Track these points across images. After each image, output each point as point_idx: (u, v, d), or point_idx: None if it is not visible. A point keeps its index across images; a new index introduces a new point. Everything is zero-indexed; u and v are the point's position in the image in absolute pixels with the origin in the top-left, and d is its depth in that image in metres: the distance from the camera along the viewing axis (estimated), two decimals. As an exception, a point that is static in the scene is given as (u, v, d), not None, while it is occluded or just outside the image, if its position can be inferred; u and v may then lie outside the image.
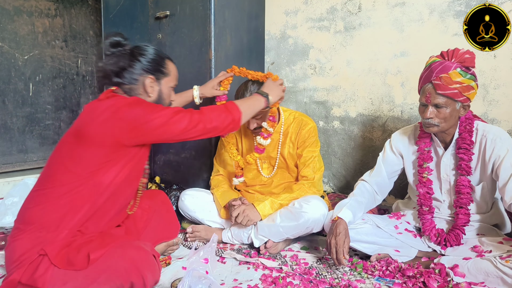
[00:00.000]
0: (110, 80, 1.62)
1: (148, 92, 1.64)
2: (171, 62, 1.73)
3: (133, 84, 1.62)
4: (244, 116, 1.69)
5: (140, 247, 1.48)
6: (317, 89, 2.91)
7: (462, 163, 1.75)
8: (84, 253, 1.40)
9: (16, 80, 3.19)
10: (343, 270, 1.79)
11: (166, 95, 1.70)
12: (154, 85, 1.65)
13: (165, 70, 1.68)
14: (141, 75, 1.62)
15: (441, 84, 1.63)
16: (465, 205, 1.77)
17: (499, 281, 1.50)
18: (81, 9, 3.63)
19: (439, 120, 1.69)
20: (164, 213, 1.97)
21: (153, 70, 1.63)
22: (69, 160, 1.49)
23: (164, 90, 1.69)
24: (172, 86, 1.73)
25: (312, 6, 2.87)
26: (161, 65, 1.67)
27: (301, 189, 2.08)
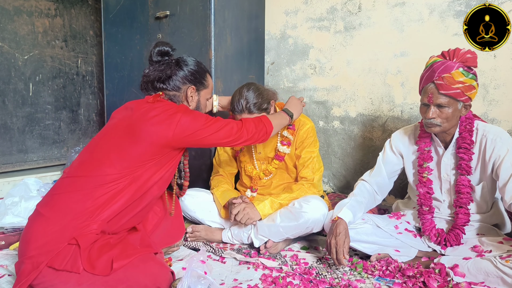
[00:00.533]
0: (153, 86, 1.73)
1: (189, 101, 1.77)
2: (210, 75, 1.87)
3: (176, 92, 1.74)
4: (274, 131, 1.84)
5: (162, 264, 1.50)
6: (317, 89, 2.91)
7: (462, 163, 1.75)
8: (107, 259, 1.39)
9: (16, 80, 3.19)
10: (343, 270, 1.79)
11: (203, 106, 1.85)
12: (194, 95, 1.79)
13: (205, 83, 1.82)
14: (184, 84, 1.75)
15: (443, 84, 1.63)
16: (465, 205, 1.77)
17: (499, 281, 1.50)
18: (81, 9, 3.63)
19: (441, 120, 1.68)
20: (173, 217, 1.98)
21: (195, 81, 1.77)
22: (116, 154, 1.54)
23: (202, 101, 1.83)
24: (209, 98, 1.88)
25: (312, 6, 2.87)
26: (203, 77, 1.81)
27: (300, 189, 2.08)
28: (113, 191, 1.50)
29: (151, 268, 1.44)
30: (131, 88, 2.83)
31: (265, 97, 2.05)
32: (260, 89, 2.05)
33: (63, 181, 1.55)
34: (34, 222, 1.47)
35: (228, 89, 2.57)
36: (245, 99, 1.99)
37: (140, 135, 1.55)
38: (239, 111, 2.00)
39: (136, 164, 1.54)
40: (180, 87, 1.74)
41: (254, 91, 2.02)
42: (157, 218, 1.90)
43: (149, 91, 1.75)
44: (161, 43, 1.74)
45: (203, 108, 1.86)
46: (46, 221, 1.44)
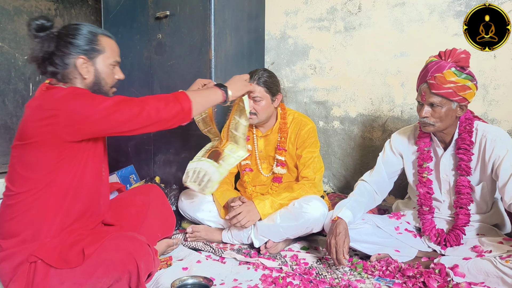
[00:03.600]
0: (44, 69, 1.49)
1: (82, 74, 1.49)
2: (107, 36, 1.56)
3: (66, 70, 1.48)
4: (196, 107, 1.54)
5: (134, 237, 1.47)
6: (317, 89, 2.90)
7: (462, 164, 1.75)
8: (78, 249, 1.38)
9: (16, 80, 3.19)
10: (343, 270, 1.79)
11: (106, 74, 1.54)
12: (88, 65, 1.50)
13: (97, 47, 1.51)
14: (71, 57, 1.47)
15: (435, 83, 1.64)
16: (465, 206, 1.77)
17: (499, 281, 1.50)
18: (81, 9, 3.63)
19: (434, 119, 1.70)
20: (160, 207, 1.91)
21: (83, 49, 1.48)
22: (20, 166, 1.42)
23: (102, 69, 1.53)
24: (112, 63, 1.56)
25: (312, 6, 2.87)
26: (93, 42, 1.50)
27: (302, 188, 2.08)
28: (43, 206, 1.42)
29: (122, 243, 1.41)
30: (131, 88, 2.83)
31: (276, 84, 2.16)
32: (274, 75, 2.17)
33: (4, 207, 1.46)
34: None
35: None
36: (260, 73, 2.08)
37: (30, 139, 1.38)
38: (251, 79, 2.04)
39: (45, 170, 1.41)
40: (68, 63, 1.46)
41: (269, 72, 2.13)
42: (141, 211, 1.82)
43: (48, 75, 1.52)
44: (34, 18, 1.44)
45: (106, 77, 1.55)
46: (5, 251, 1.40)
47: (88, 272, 1.36)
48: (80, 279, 1.36)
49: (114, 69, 1.57)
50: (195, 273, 1.72)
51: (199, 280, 1.50)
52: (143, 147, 2.81)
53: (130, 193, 1.95)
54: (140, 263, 1.40)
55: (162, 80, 2.67)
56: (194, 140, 2.56)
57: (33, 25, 1.43)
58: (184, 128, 2.58)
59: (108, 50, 1.54)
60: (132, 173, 2.76)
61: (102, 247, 1.39)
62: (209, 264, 1.87)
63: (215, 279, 1.67)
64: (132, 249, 1.41)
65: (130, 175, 2.73)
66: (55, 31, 1.48)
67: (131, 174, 2.75)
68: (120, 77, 1.60)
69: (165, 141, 2.70)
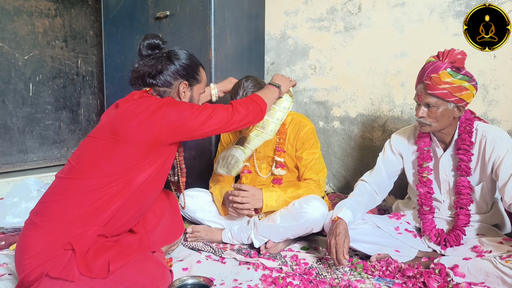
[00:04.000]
0: (143, 81, 1.66)
1: (181, 97, 1.68)
2: (203, 68, 1.77)
3: (167, 87, 1.65)
4: (268, 107, 1.77)
5: (159, 263, 1.48)
6: (317, 89, 2.91)
7: (462, 164, 1.75)
8: (104, 261, 1.37)
9: (16, 80, 3.20)
10: (343, 270, 1.79)
11: (195, 101, 1.75)
12: (187, 90, 1.70)
13: (198, 77, 1.73)
14: (175, 79, 1.66)
15: (430, 84, 1.65)
16: (465, 206, 1.77)
17: (499, 281, 1.50)
18: (81, 9, 3.63)
19: (431, 119, 1.70)
20: (172, 216, 1.95)
21: (187, 75, 1.68)
22: (102, 158, 1.48)
23: (195, 96, 1.74)
24: (202, 92, 1.78)
25: (312, 6, 2.87)
26: (195, 71, 1.71)
27: (307, 187, 2.08)
28: (106, 196, 1.46)
29: (148, 267, 1.43)
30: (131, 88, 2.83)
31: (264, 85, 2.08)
32: (257, 80, 2.10)
33: (54, 187, 1.51)
34: (28, 231, 1.44)
35: (228, 89, 2.57)
36: (243, 87, 2.04)
37: (124, 135, 1.48)
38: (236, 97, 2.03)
39: (126, 166, 1.48)
40: (172, 83, 1.65)
41: (252, 80, 2.07)
42: (156, 219, 1.87)
43: (139, 86, 1.68)
44: (151, 35, 1.65)
45: (196, 103, 1.75)
46: (40, 230, 1.42)
47: (108, 287, 1.35)
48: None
49: (200, 97, 1.80)
50: (195, 273, 1.72)
51: (199, 280, 1.50)
52: (143, 147, 2.81)
53: None
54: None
55: (162, 80, 2.67)
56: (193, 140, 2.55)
57: (149, 41, 1.63)
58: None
59: (203, 81, 1.77)
60: (132, 173, 2.76)
61: (127, 266, 1.39)
62: (209, 264, 1.87)
63: (215, 279, 1.67)
64: (156, 275, 1.42)
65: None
66: (165, 52, 1.67)
67: (131, 174, 2.75)
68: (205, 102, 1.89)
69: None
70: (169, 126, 1.49)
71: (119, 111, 1.54)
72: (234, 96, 2.06)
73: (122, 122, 1.50)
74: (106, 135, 1.51)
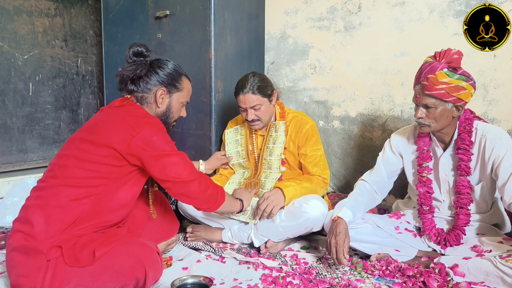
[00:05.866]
0: (125, 86, 1.68)
1: (158, 103, 1.68)
2: (188, 79, 1.79)
3: (145, 93, 1.66)
4: (221, 208, 1.75)
5: (145, 244, 1.49)
6: (317, 89, 2.91)
7: (462, 164, 1.75)
8: (89, 250, 1.39)
9: (16, 79, 3.19)
10: (343, 270, 1.79)
11: (175, 109, 1.74)
12: (165, 97, 1.70)
13: (178, 85, 1.73)
14: (154, 85, 1.67)
15: (427, 84, 1.65)
16: (465, 206, 1.77)
17: (499, 281, 1.50)
18: (81, 8, 3.62)
19: (429, 120, 1.70)
20: (162, 211, 1.96)
21: (166, 82, 1.69)
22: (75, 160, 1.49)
23: (174, 104, 1.73)
24: (183, 102, 1.77)
25: (312, 5, 2.87)
26: (176, 79, 1.72)
27: (318, 184, 2.11)
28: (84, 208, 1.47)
29: (133, 249, 1.44)
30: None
31: (269, 84, 2.15)
32: (264, 76, 2.15)
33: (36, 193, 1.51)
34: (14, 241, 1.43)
35: (228, 89, 2.57)
36: (250, 81, 2.08)
37: (100, 134, 1.50)
38: (243, 92, 2.07)
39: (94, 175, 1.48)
40: (150, 88, 1.66)
41: (259, 76, 2.12)
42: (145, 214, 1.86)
43: (123, 92, 1.71)
44: (137, 44, 1.67)
45: (175, 112, 1.75)
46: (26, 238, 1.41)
47: (95, 274, 1.37)
48: (86, 280, 1.37)
49: (182, 107, 1.78)
50: (195, 273, 1.72)
51: (199, 280, 1.50)
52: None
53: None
54: (149, 272, 1.43)
55: (162, 79, 2.67)
56: (193, 140, 2.56)
57: (133, 49, 1.65)
58: (183, 128, 2.60)
59: (185, 90, 1.76)
60: (132, 172, 2.76)
61: (113, 251, 1.41)
62: (209, 264, 1.87)
63: (215, 278, 1.67)
64: (142, 257, 1.44)
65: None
66: (148, 60, 1.69)
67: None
68: (183, 115, 1.81)
69: (165, 140, 2.70)
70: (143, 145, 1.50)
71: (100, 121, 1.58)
72: (240, 89, 2.09)
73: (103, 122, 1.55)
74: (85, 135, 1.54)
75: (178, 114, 1.78)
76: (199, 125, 2.53)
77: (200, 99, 2.51)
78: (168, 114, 1.72)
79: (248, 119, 2.11)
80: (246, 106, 2.09)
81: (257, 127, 2.16)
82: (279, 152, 2.16)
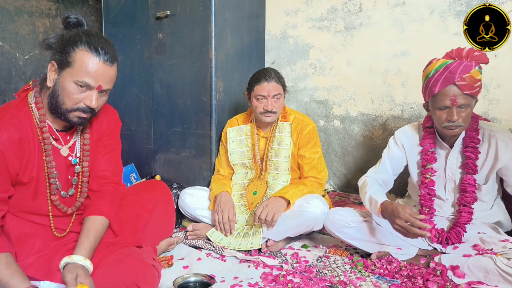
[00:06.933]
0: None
1: (47, 81, 1.34)
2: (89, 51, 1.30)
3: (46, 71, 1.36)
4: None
5: (140, 260, 1.40)
6: (317, 89, 2.91)
7: (469, 162, 1.75)
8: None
9: (17, 79, 3.19)
10: (343, 268, 1.79)
11: (65, 92, 1.31)
12: (53, 73, 1.33)
13: (69, 58, 1.30)
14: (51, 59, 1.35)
15: (467, 84, 1.62)
16: (469, 204, 1.76)
17: (500, 279, 1.50)
18: (81, 9, 3.63)
19: (462, 120, 1.66)
20: (164, 208, 1.88)
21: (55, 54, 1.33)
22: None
23: (64, 85, 1.31)
24: (79, 82, 1.30)
25: (313, 6, 2.88)
26: (65, 50, 1.30)
27: (313, 185, 2.10)
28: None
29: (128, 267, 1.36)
30: (131, 87, 2.84)
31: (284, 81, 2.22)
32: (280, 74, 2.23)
33: None
34: None
35: (229, 89, 2.58)
36: (273, 71, 2.15)
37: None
38: (268, 80, 2.11)
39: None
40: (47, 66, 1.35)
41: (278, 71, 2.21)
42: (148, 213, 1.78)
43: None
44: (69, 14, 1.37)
45: (64, 95, 1.31)
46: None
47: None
48: None
49: (84, 91, 1.32)
50: (196, 271, 1.72)
51: (201, 278, 1.49)
52: (144, 145, 2.81)
53: (136, 190, 1.88)
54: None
55: (163, 79, 2.68)
56: (194, 139, 2.57)
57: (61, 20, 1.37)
58: (184, 128, 2.60)
59: (78, 66, 1.29)
60: (132, 171, 2.77)
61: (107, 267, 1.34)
62: (210, 262, 1.88)
63: (215, 276, 1.67)
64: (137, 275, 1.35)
65: (130, 173, 2.74)
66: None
67: (131, 172, 2.75)
68: (87, 104, 1.33)
69: (165, 139, 2.70)
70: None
71: None
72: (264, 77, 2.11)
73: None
74: None
75: (75, 100, 1.32)
76: (200, 125, 2.53)
77: (200, 99, 2.51)
78: (55, 96, 1.33)
79: (269, 109, 2.10)
80: (269, 94, 2.10)
81: (270, 119, 2.15)
82: (287, 154, 2.15)
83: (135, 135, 2.85)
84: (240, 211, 2.14)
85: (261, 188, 2.16)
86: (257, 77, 2.14)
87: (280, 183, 2.15)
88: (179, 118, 2.62)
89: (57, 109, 1.34)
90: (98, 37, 1.34)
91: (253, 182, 2.21)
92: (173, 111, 2.64)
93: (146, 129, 2.79)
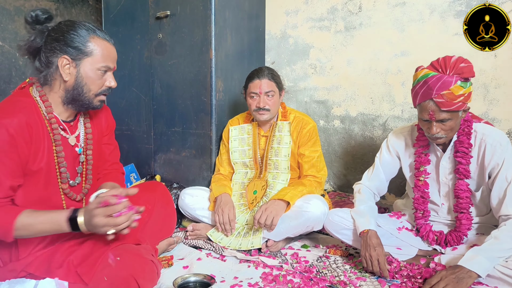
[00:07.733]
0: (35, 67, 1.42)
1: (64, 77, 1.38)
2: (101, 38, 1.43)
3: (49, 69, 1.39)
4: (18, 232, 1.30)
5: (139, 255, 1.42)
6: (317, 89, 2.91)
7: (460, 167, 1.72)
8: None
9: (17, 79, 3.19)
10: (343, 268, 1.79)
11: (90, 80, 1.40)
12: (72, 66, 1.38)
13: (85, 48, 1.38)
14: (55, 55, 1.37)
15: (444, 101, 1.54)
16: (466, 210, 1.74)
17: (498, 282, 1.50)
18: (81, 9, 3.63)
19: (445, 132, 1.63)
20: (163, 209, 1.88)
21: (66, 47, 1.36)
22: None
23: (87, 74, 1.39)
24: (100, 68, 1.41)
25: (313, 6, 2.88)
26: (81, 41, 1.37)
27: (311, 185, 2.09)
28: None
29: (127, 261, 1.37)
30: (131, 87, 2.84)
31: (280, 79, 2.23)
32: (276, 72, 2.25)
33: None
34: None
35: (229, 89, 2.58)
36: (266, 69, 2.17)
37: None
38: (260, 77, 2.13)
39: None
40: (52, 61, 1.37)
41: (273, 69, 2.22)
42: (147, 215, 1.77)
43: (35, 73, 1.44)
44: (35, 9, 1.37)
45: (90, 83, 1.41)
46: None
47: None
48: None
49: (104, 75, 1.44)
50: (196, 271, 1.72)
51: (201, 278, 1.49)
52: (144, 146, 2.81)
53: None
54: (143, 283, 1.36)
55: (163, 79, 2.68)
56: (194, 139, 2.57)
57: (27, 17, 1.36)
58: (184, 127, 2.60)
59: (98, 53, 1.40)
60: (132, 171, 2.77)
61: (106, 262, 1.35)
62: (210, 262, 1.88)
63: (215, 276, 1.67)
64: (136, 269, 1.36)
65: (130, 173, 2.74)
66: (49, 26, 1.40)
67: (131, 172, 2.75)
68: (111, 85, 1.46)
69: (165, 139, 2.70)
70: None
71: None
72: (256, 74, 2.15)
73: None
74: None
75: (99, 85, 1.44)
76: (200, 125, 2.53)
77: (200, 99, 2.51)
78: (80, 86, 1.40)
79: (261, 106, 2.11)
80: (260, 91, 2.11)
81: (265, 117, 2.15)
82: (287, 153, 2.16)
83: (135, 135, 2.85)
84: (240, 210, 2.15)
85: (261, 187, 2.17)
86: (250, 75, 2.19)
87: (280, 182, 2.15)
88: (179, 118, 2.62)
89: (80, 98, 1.42)
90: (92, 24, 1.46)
91: (253, 181, 2.21)
92: (173, 111, 2.64)
93: (146, 129, 2.79)
